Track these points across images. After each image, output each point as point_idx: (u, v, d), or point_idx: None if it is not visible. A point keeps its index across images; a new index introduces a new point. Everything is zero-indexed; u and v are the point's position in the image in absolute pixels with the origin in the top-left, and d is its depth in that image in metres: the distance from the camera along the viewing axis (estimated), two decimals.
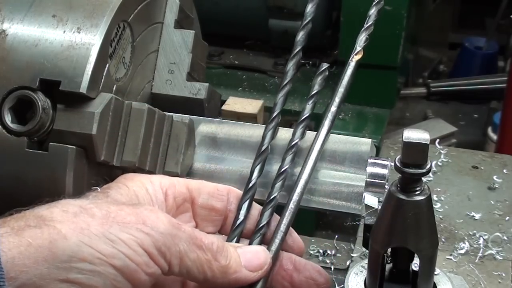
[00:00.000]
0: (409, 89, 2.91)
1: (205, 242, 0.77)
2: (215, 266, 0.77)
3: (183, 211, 0.87)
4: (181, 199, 0.86)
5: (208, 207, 0.88)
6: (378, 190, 1.00)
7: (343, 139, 1.04)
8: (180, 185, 0.87)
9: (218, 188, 0.89)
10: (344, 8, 2.19)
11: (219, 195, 0.89)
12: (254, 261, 0.81)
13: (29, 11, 0.93)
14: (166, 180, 0.87)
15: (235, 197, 0.90)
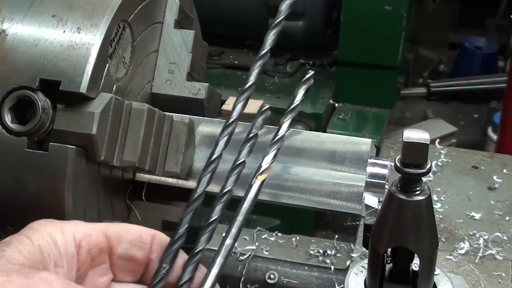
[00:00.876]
0: (409, 89, 2.91)
1: None
2: None
3: (99, 262, 0.80)
4: (96, 250, 0.78)
5: (127, 257, 0.81)
6: (378, 190, 1.00)
7: (343, 139, 1.04)
8: (97, 234, 0.79)
9: (142, 235, 0.81)
10: (344, 8, 2.19)
11: (142, 243, 0.81)
12: None
13: (29, 11, 0.93)
14: (81, 229, 0.78)
15: (159, 245, 0.83)
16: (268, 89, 2.31)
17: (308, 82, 0.97)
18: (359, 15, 2.17)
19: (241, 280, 1.16)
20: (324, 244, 1.20)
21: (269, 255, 1.18)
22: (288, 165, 1.03)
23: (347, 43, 2.23)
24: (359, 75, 2.29)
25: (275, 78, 2.36)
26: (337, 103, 2.34)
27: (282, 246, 1.20)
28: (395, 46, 2.21)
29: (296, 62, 2.41)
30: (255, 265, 1.17)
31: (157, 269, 0.81)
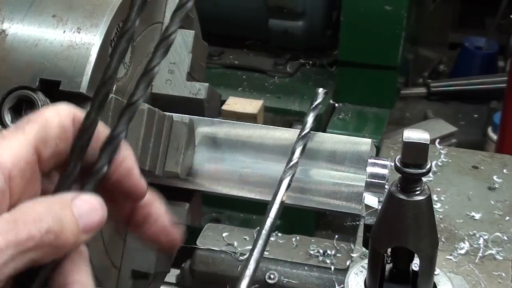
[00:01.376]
0: (409, 89, 2.91)
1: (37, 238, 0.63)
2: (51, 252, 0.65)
3: (33, 180, 0.69)
4: (29, 171, 0.68)
5: (56, 155, 0.70)
6: (378, 190, 1.00)
7: (343, 139, 1.04)
8: (26, 154, 0.68)
9: (64, 125, 0.70)
10: (344, 8, 2.19)
11: (65, 133, 0.71)
12: (92, 223, 0.68)
13: (29, 11, 0.93)
14: (8, 157, 0.67)
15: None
16: (268, 89, 2.31)
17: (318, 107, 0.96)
18: (359, 15, 2.17)
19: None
20: (324, 244, 1.20)
21: (269, 255, 1.18)
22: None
23: (347, 43, 2.23)
24: (359, 75, 2.29)
25: (275, 78, 2.36)
26: (337, 103, 2.34)
27: (282, 246, 1.20)
28: (395, 46, 2.21)
29: (296, 62, 2.41)
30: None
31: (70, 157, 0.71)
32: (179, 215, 1.11)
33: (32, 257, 0.63)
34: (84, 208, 0.68)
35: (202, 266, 1.19)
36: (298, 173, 1.03)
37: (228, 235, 1.22)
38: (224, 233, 1.22)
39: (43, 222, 0.63)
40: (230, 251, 1.18)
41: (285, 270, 1.16)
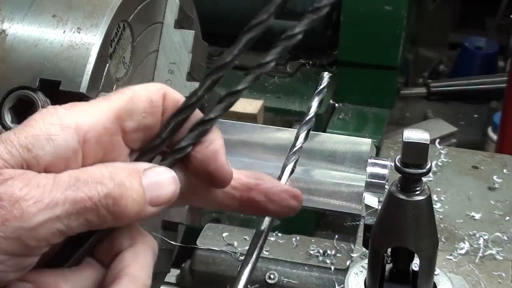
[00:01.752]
0: (409, 89, 2.91)
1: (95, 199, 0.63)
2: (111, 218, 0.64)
3: (111, 149, 0.69)
4: (107, 137, 0.68)
5: (142, 129, 0.70)
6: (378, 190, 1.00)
7: (343, 139, 1.04)
8: (105, 120, 0.67)
9: (152, 99, 0.70)
10: (344, 8, 2.19)
11: (153, 108, 0.70)
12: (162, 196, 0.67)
13: (29, 11, 0.93)
14: (86, 118, 0.66)
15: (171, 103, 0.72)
16: (268, 89, 2.31)
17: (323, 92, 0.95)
18: (359, 15, 2.17)
19: None
20: (324, 244, 1.20)
21: (269, 255, 1.18)
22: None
23: (347, 43, 2.23)
24: (359, 75, 2.30)
25: (275, 78, 2.36)
26: (337, 103, 2.34)
27: (282, 246, 1.20)
28: (395, 46, 2.22)
29: (296, 62, 2.41)
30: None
31: (158, 132, 0.70)
32: (179, 215, 1.11)
33: (87, 219, 0.63)
34: (154, 179, 0.67)
35: (202, 266, 1.19)
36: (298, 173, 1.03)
37: (228, 235, 1.22)
38: (224, 233, 1.22)
39: (104, 186, 0.63)
40: (230, 251, 1.18)
41: (285, 270, 1.16)
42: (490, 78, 2.92)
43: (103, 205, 0.63)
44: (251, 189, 0.75)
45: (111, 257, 0.68)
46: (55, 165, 0.65)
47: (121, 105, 0.68)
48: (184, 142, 0.69)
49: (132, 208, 0.65)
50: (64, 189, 0.62)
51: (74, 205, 0.62)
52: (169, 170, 0.68)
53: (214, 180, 0.72)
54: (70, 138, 0.65)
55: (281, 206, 0.76)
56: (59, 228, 0.62)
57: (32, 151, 0.64)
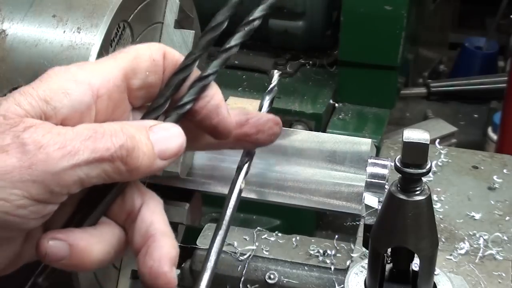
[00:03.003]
0: (409, 89, 2.91)
1: (112, 151, 0.66)
2: (125, 170, 0.67)
3: (119, 105, 0.73)
4: (117, 94, 0.72)
5: (146, 87, 0.74)
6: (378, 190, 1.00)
7: (343, 139, 1.04)
8: (115, 77, 0.71)
9: (154, 58, 0.74)
10: (344, 8, 2.19)
11: (156, 66, 0.74)
12: (169, 149, 0.71)
13: (29, 11, 0.93)
14: (98, 75, 0.70)
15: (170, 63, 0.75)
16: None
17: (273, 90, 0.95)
18: (359, 15, 2.17)
19: (241, 280, 1.16)
20: (324, 244, 1.20)
21: (269, 255, 1.18)
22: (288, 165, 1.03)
23: (347, 43, 2.23)
24: (359, 75, 2.29)
25: None
26: (337, 103, 2.34)
27: (282, 246, 1.20)
28: (395, 46, 2.21)
29: (296, 62, 2.41)
30: (255, 265, 1.17)
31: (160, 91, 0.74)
32: (179, 215, 1.11)
33: (105, 169, 0.66)
34: (161, 134, 0.70)
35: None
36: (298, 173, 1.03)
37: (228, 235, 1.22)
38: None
39: (118, 138, 0.67)
40: (230, 251, 1.18)
41: (285, 270, 1.16)
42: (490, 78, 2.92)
43: (119, 156, 0.66)
44: (243, 125, 0.81)
45: (125, 215, 0.73)
46: (71, 118, 0.68)
47: (127, 64, 0.72)
48: (186, 98, 0.73)
49: (143, 160, 0.68)
50: (83, 139, 0.65)
51: (93, 154, 0.65)
52: (175, 125, 0.72)
53: (218, 132, 0.77)
54: (85, 93, 0.69)
55: (268, 134, 0.82)
56: (80, 176, 0.65)
57: (50, 103, 0.67)
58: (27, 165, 0.63)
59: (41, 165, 0.63)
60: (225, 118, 0.77)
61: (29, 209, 0.64)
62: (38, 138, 0.64)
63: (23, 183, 0.63)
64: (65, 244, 0.68)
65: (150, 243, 0.71)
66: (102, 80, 0.70)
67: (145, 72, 0.73)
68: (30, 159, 0.63)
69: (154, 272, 0.71)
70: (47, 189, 0.64)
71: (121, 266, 1.11)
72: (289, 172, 1.02)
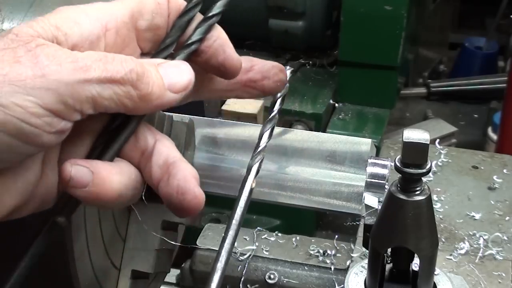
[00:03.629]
0: (409, 89, 2.91)
1: (122, 73, 0.67)
2: (136, 95, 0.69)
3: (127, 43, 0.75)
4: (125, 30, 0.74)
5: (152, 28, 0.76)
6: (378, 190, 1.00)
7: (343, 139, 1.04)
8: (122, 14, 0.74)
9: (159, 1, 0.76)
10: (344, 8, 2.19)
11: (161, 9, 0.76)
12: (179, 83, 0.73)
13: (29, 11, 0.93)
14: (106, 10, 0.73)
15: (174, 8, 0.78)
16: None
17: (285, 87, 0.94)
18: (359, 15, 2.17)
19: (241, 280, 1.16)
20: (324, 244, 1.20)
21: (269, 255, 1.18)
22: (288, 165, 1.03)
23: (347, 43, 2.23)
24: (359, 75, 2.30)
25: None
26: (337, 103, 2.34)
27: (282, 246, 1.20)
28: (395, 46, 2.22)
29: (296, 62, 2.41)
30: (255, 265, 1.17)
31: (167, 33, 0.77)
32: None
33: (116, 92, 0.67)
34: (170, 69, 0.73)
35: (202, 266, 1.19)
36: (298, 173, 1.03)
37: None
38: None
39: (128, 63, 0.68)
40: None
41: (285, 270, 1.16)
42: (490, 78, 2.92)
43: (129, 79, 0.68)
44: (248, 71, 0.83)
45: (139, 154, 0.75)
46: (81, 46, 0.70)
47: (133, 5, 0.75)
48: (193, 38, 0.76)
49: (153, 88, 0.70)
50: (95, 60, 0.67)
51: (104, 73, 0.67)
52: (183, 61, 0.75)
53: (225, 70, 0.79)
54: (94, 24, 0.71)
55: (274, 80, 0.84)
56: (92, 93, 0.66)
57: (61, 29, 0.69)
58: (41, 74, 0.64)
59: (54, 74, 0.64)
60: (231, 55, 0.79)
61: (43, 119, 0.65)
62: (50, 52, 0.66)
63: (36, 90, 0.64)
64: (88, 171, 0.69)
65: (171, 169, 0.74)
66: (110, 15, 0.73)
67: (151, 14, 0.75)
68: (43, 69, 0.64)
69: (182, 188, 0.73)
70: (60, 98, 0.65)
71: (121, 266, 1.11)
72: (289, 172, 1.02)
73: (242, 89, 0.84)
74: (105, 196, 0.70)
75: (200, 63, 0.78)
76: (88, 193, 0.70)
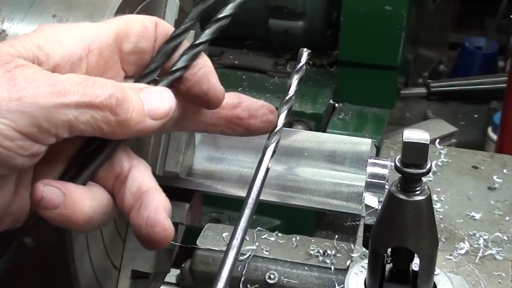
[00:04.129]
0: (409, 89, 2.91)
1: (101, 98, 0.66)
2: (114, 121, 0.68)
3: (111, 65, 0.74)
4: (108, 52, 0.73)
5: (137, 52, 0.75)
6: (378, 190, 1.00)
7: (343, 139, 1.04)
8: (107, 35, 0.73)
9: (146, 24, 0.76)
10: (344, 8, 2.19)
11: (147, 32, 0.75)
12: (159, 109, 0.71)
13: (29, 11, 0.93)
14: (90, 31, 0.72)
15: (162, 32, 0.77)
16: (268, 89, 2.31)
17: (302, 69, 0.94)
18: (359, 15, 2.17)
19: (241, 280, 1.16)
20: (324, 244, 1.20)
21: (269, 255, 1.18)
22: (288, 165, 1.04)
23: (347, 43, 2.23)
24: (359, 75, 2.29)
25: (275, 78, 2.36)
26: (337, 103, 2.34)
27: (282, 246, 1.20)
28: (395, 46, 2.21)
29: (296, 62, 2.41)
30: (255, 265, 1.17)
31: (152, 58, 0.76)
32: (179, 215, 1.11)
33: (94, 117, 0.67)
34: (151, 95, 0.72)
35: (202, 266, 1.19)
36: (298, 173, 1.03)
37: (228, 235, 1.22)
38: (224, 233, 1.22)
39: (108, 88, 0.68)
40: None
41: (285, 270, 1.16)
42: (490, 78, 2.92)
43: (108, 105, 0.67)
44: (235, 107, 0.81)
45: (113, 179, 0.73)
46: (62, 67, 0.69)
47: (119, 27, 0.74)
48: (177, 65, 0.75)
49: (133, 114, 0.69)
50: (74, 83, 0.66)
51: (83, 98, 0.66)
52: (165, 88, 0.73)
53: (208, 100, 0.77)
54: (77, 44, 0.70)
55: (262, 120, 0.82)
56: (68, 117, 0.65)
57: (43, 49, 0.68)
58: (17, 97, 0.63)
59: (30, 97, 0.64)
60: (215, 85, 0.77)
61: (17, 142, 0.64)
62: (29, 74, 0.65)
63: (11, 112, 0.63)
64: (60, 192, 0.69)
65: (143, 198, 0.72)
66: (94, 37, 0.72)
67: (136, 37, 0.75)
68: (19, 91, 0.64)
69: (151, 220, 0.71)
70: (35, 122, 0.64)
71: (121, 266, 1.11)
72: (289, 172, 1.02)
73: (226, 125, 0.81)
74: (75, 219, 0.69)
75: (183, 91, 0.76)
76: (58, 215, 0.69)
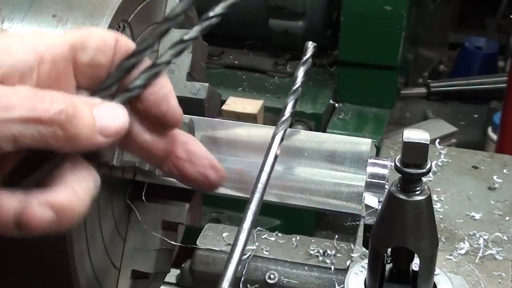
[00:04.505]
0: (409, 89, 2.91)
1: (50, 113, 0.64)
2: (62, 136, 0.66)
3: (64, 75, 0.71)
4: (62, 62, 0.71)
5: (93, 65, 0.72)
6: (378, 190, 1.00)
7: (343, 139, 1.04)
8: (61, 45, 0.70)
9: (106, 39, 0.73)
10: (344, 8, 2.19)
11: (106, 47, 0.73)
12: (112, 127, 0.69)
13: (29, 11, 0.93)
14: (44, 41, 0.70)
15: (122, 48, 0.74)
16: (268, 89, 2.31)
17: (308, 62, 0.93)
18: (359, 15, 2.17)
19: (241, 280, 1.16)
20: (324, 244, 1.20)
21: (269, 255, 1.18)
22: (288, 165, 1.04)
23: (347, 43, 2.23)
24: (359, 75, 2.29)
25: (275, 78, 2.36)
26: (337, 103, 2.34)
27: (282, 246, 1.20)
28: (395, 46, 2.21)
29: (296, 62, 2.41)
30: (255, 265, 1.17)
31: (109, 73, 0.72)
32: (179, 215, 1.11)
33: (41, 132, 0.64)
34: (104, 111, 0.69)
35: (202, 266, 1.19)
36: (298, 173, 1.03)
37: (228, 235, 1.22)
38: (224, 233, 1.22)
39: (59, 103, 0.65)
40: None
41: (285, 270, 1.16)
42: (490, 78, 2.92)
43: (57, 120, 0.65)
44: (176, 144, 0.77)
45: None
46: (11, 78, 0.66)
47: (76, 37, 0.71)
48: (137, 82, 0.72)
49: (83, 130, 0.66)
50: (22, 98, 0.64)
51: (30, 113, 0.64)
52: (120, 105, 0.70)
53: (166, 121, 0.75)
54: (28, 54, 0.67)
55: (199, 172, 0.78)
56: (13, 132, 0.63)
57: None
58: None
59: None
60: (175, 107, 0.75)
61: None
62: None
63: None
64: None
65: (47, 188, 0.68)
66: (47, 46, 0.69)
67: (94, 49, 0.72)
68: None
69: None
70: None
71: (121, 266, 1.11)
72: (289, 172, 1.02)
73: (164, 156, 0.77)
74: None
75: (140, 110, 0.74)
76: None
